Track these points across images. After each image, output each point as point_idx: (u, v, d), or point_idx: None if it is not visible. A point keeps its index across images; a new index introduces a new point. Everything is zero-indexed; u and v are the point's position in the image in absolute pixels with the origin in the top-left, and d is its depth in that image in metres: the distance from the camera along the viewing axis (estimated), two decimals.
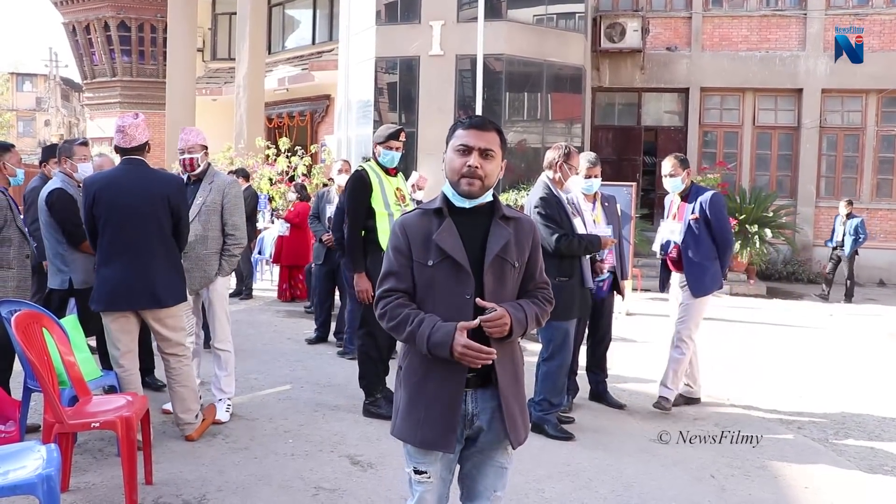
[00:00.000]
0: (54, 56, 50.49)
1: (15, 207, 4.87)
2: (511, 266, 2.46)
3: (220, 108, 21.02)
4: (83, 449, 4.43)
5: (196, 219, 4.85)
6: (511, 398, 2.47)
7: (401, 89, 15.13)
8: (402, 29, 14.84)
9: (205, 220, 4.90)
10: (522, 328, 2.43)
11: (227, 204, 4.99)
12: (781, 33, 15.87)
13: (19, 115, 53.37)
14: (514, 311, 2.40)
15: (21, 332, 3.55)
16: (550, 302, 2.60)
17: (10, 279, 4.76)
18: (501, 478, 2.58)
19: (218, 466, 4.23)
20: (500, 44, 14.19)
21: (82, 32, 26.64)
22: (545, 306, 2.56)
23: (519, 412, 2.50)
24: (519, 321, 2.40)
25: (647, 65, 16.45)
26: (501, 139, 2.51)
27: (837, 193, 15.88)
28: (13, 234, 4.77)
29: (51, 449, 3.05)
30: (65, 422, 3.53)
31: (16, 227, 4.80)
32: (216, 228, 4.95)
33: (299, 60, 20.25)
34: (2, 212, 4.70)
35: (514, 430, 2.46)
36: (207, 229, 4.91)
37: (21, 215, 5.03)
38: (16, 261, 4.80)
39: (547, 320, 2.64)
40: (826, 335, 9.31)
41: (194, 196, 4.93)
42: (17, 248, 4.81)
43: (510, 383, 2.48)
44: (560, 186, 5.02)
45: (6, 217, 4.72)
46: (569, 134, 15.27)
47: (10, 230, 4.76)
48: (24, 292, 4.82)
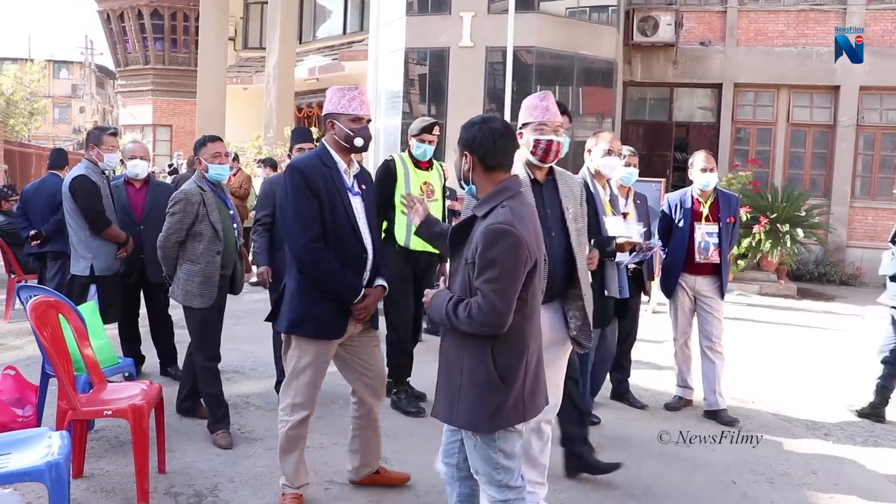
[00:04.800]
0: (90, 44, 50.80)
1: (220, 202, 4.67)
2: (464, 261, 2.70)
3: (251, 96, 21.07)
4: (100, 435, 4.44)
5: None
6: (439, 376, 2.80)
7: (430, 81, 15.03)
8: (432, 20, 14.74)
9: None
10: (437, 314, 2.73)
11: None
12: (819, 28, 15.50)
13: (55, 101, 54.03)
14: (436, 296, 2.77)
15: (36, 318, 3.55)
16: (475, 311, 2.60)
17: (197, 274, 4.51)
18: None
19: (232, 457, 4.21)
20: (532, 36, 14.03)
21: (116, 20, 26.86)
22: (463, 312, 2.62)
23: (445, 398, 2.76)
24: (436, 307, 2.74)
25: (679, 59, 16.18)
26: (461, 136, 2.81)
27: (873, 193, 15.53)
28: (205, 229, 4.50)
29: (63, 436, 3.05)
30: (78, 409, 3.52)
31: (208, 223, 4.52)
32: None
33: (330, 50, 20.20)
34: (193, 207, 4.48)
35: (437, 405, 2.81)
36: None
37: (230, 209, 4.81)
38: (204, 257, 4.51)
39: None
40: (856, 338, 9.10)
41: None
42: (207, 243, 4.52)
43: (441, 367, 2.80)
44: (600, 180, 4.57)
45: (198, 212, 4.49)
46: (599, 128, 15.07)
47: (202, 224, 4.51)
48: (209, 289, 4.51)
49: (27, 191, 7.91)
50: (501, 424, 2.67)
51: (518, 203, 2.69)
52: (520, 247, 2.56)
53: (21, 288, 4.64)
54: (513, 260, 2.56)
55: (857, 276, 14.54)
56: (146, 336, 5.94)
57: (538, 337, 2.80)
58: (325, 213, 3.43)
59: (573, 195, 3.54)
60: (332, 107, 3.55)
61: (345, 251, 3.48)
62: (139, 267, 5.69)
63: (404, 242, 5.10)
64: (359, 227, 3.55)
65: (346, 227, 3.49)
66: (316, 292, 3.45)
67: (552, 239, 3.35)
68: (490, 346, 2.63)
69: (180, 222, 4.46)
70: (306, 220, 3.40)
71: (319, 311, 3.47)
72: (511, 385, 2.66)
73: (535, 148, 3.41)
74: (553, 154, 3.41)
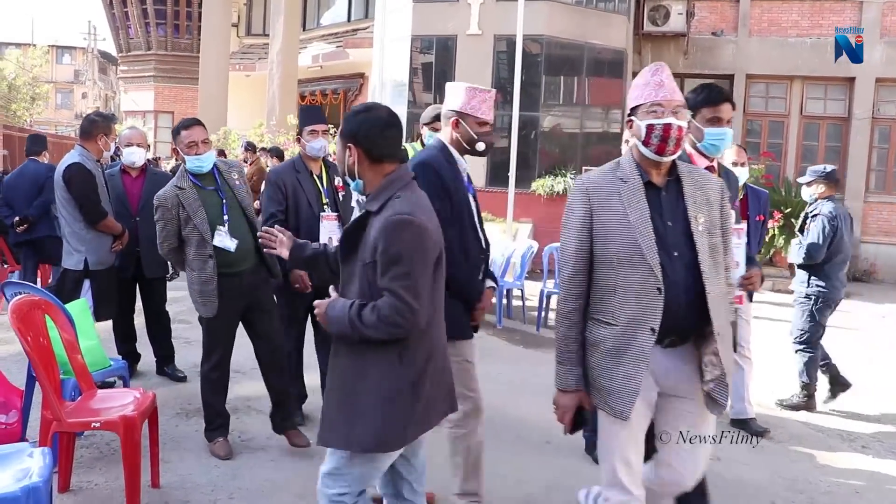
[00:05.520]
0: (93, 29, 50.34)
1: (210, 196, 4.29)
2: (362, 263, 2.48)
3: (253, 84, 20.78)
4: (90, 443, 4.18)
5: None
6: (329, 398, 2.54)
7: (436, 69, 14.72)
8: (439, 7, 14.41)
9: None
10: (337, 326, 2.45)
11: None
12: (835, 18, 15.13)
13: (57, 87, 53.65)
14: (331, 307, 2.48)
15: (19, 320, 3.27)
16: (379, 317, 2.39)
17: (194, 281, 4.16)
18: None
19: (232, 469, 3.94)
20: (540, 24, 13.70)
21: (119, 5, 26.51)
22: (371, 316, 2.39)
23: (335, 415, 2.48)
24: (335, 318, 2.45)
25: (690, 50, 15.84)
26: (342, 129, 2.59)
27: (889, 188, 15.21)
28: (190, 234, 4.12)
29: (45, 453, 2.77)
30: (63, 420, 3.25)
31: (192, 226, 4.10)
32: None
33: (334, 38, 19.92)
34: (171, 212, 4.11)
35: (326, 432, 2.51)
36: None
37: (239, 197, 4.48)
38: (195, 263, 4.13)
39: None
40: (878, 339, 8.80)
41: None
42: (195, 248, 4.14)
43: (334, 387, 2.54)
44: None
45: (178, 216, 4.10)
46: (608, 119, 14.81)
47: (186, 228, 4.12)
48: (209, 297, 4.13)
49: (7, 181, 7.71)
50: (409, 439, 2.49)
51: (412, 192, 2.53)
52: (424, 236, 2.41)
53: (6, 284, 4.37)
54: (419, 251, 2.40)
55: (872, 272, 14.22)
56: (142, 332, 5.67)
57: (442, 336, 2.66)
58: (455, 212, 3.25)
59: (706, 199, 2.69)
60: (461, 105, 3.34)
61: (469, 251, 3.34)
62: (135, 260, 5.43)
63: None
64: (477, 227, 3.41)
65: (469, 227, 3.35)
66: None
67: (672, 260, 2.57)
68: (397, 353, 2.42)
69: (164, 229, 4.13)
70: (443, 222, 3.13)
71: (457, 312, 3.21)
72: (420, 393, 2.46)
73: (649, 136, 2.61)
74: (673, 143, 2.60)
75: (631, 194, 2.59)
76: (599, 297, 2.62)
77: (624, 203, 2.58)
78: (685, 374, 2.67)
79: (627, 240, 2.54)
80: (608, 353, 2.58)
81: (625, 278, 2.55)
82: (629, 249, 2.54)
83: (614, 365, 2.56)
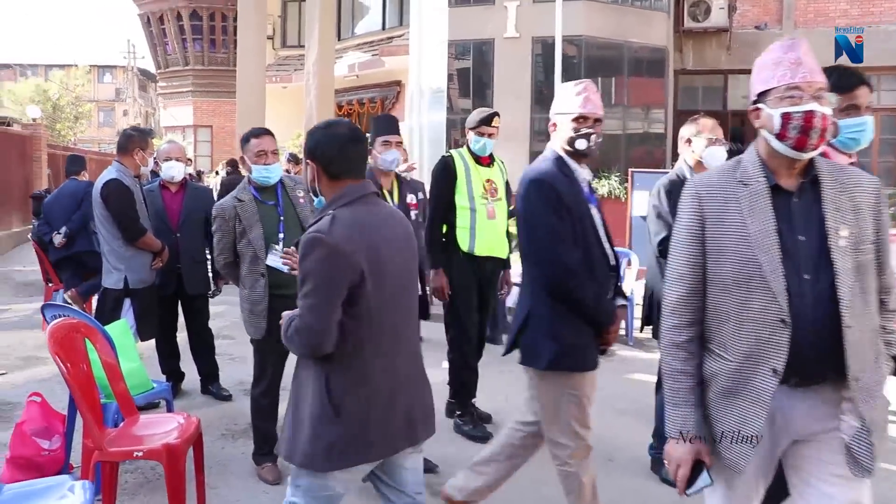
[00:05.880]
0: (132, 48, 51.38)
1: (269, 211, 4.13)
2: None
3: (290, 95, 20.83)
4: (135, 467, 4.03)
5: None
6: (288, 414, 2.49)
7: (474, 74, 14.53)
8: (475, 10, 14.24)
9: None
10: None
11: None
12: (887, 5, 14.59)
13: (99, 105, 54.73)
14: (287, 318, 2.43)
15: (58, 345, 3.13)
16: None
17: (245, 300, 4.02)
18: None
19: (280, 495, 3.70)
20: (579, 24, 13.43)
21: (156, 23, 26.89)
22: (290, 332, 2.39)
23: (289, 431, 2.44)
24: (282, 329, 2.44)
25: (733, 45, 15.43)
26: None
27: None
28: (244, 249, 3.98)
29: (86, 487, 2.61)
30: (104, 449, 3.09)
31: (247, 241, 3.94)
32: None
33: (369, 46, 19.88)
34: (229, 224, 3.97)
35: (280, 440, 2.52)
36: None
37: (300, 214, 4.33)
38: (247, 280, 3.99)
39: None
40: None
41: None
42: (248, 265, 4.00)
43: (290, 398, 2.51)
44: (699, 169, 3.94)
45: (234, 229, 3.95)
46: (650, 119, 14.47)
47: (241, 243, 3.97)
48: (257, 318, 3.98)
49: (47, 201, 7.71)
50: (336, 464, 2.35)
51: (355, 210, 2.39)
52: (332, 257, 2.27)
53: (46, 307, 4.25)
54: (323, 272, 2.29)
55: None
56: (186, 349, 5.54)
57: (402, 365, 2.46)
58: (577, 229, 2.95)
59: (853, 206, 2.09)
60: (555, 107, 3.10)
61: (596, 270, 3.00)
62: (176, 277, 5.29)
63: (468, 248, 4.58)
64: (603, 243, 3.07)
65: (594, 244, 3.02)
66: (576, 320, 2.94)
67: (802, 284, 2.03)
68: (325, 373, 2.36)
69: (221, 241, 3.97)
70: (566, 242, 2.91)
71: (581, 341, 2.96)
72: (348, 418, 2.31)
73: (785, 127, 2.05)
74: (817, 135, 2.02)
75: (752, 200, 2.09)
76: (711, 324, 2.16)
77: (743, 211, 2.08)
78: (822, 414, 2.11)
79: (745, 257, 2.06)
80: (721, 394, 2.13)
81: (741, 305, 2.07)
82: (747, 269, 2.05)
83: (727, 406, 2.13)
